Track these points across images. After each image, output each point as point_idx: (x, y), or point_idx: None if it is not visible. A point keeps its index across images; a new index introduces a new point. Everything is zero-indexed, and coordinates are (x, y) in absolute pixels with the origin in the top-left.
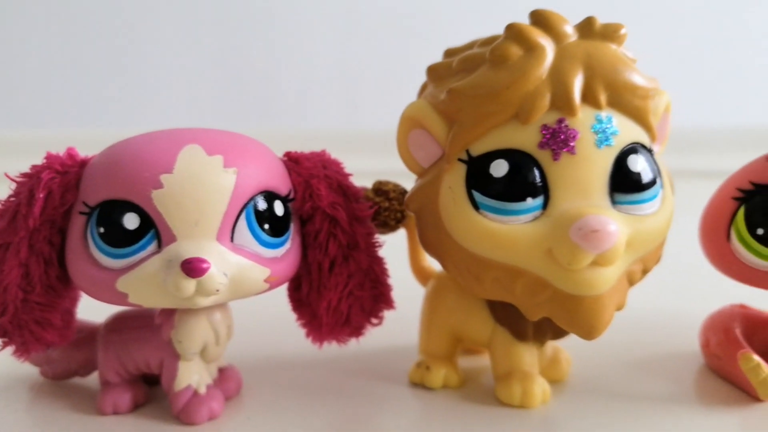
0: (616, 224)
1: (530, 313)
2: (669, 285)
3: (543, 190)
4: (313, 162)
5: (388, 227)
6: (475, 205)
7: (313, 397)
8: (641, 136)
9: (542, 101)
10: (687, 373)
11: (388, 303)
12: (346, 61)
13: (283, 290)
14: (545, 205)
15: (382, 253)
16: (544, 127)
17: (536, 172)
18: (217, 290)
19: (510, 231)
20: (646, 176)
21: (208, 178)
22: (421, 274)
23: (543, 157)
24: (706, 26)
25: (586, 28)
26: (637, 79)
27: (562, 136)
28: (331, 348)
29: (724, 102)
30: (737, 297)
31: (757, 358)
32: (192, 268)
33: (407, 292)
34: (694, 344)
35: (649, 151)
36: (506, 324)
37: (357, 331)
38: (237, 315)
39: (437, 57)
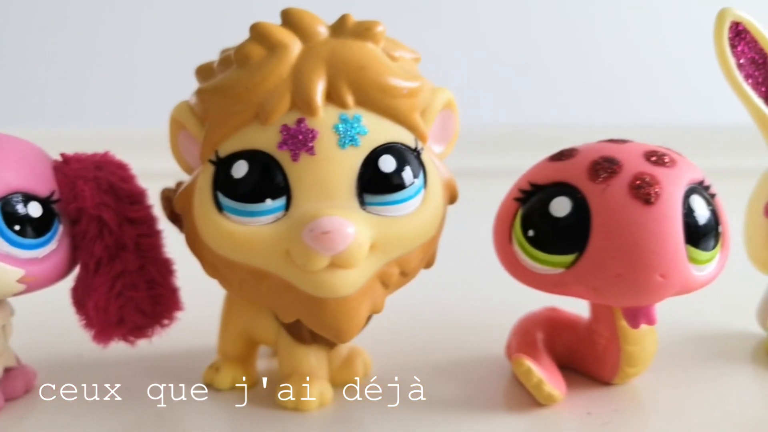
0: (353, 226)
1: (281, 315)
2: (491, 287)
3: (285, 191)
4: (84, 163)
5: None
6: (219, 207)
7: (109, 397)
8: (402, 136)
9: (282, 101)
10: (492, 377)
11: (174, 304)
12: None
13: None
14: (288, 207)
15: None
16: (284, 127)
17: (276, 173)
18: None
19: (250, 232)
20: (400, 177)
21: None
22: None
23: (283, 157)
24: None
25: (338, 26)
26: (390, 78)
27: (301, 137)
28: (139, 348)
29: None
30: (556, 299)
31: (528, 362)
32: None
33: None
34: None
35: (414, 151)
36: (285, 326)
37: (139, 332)
38: (45, 313)
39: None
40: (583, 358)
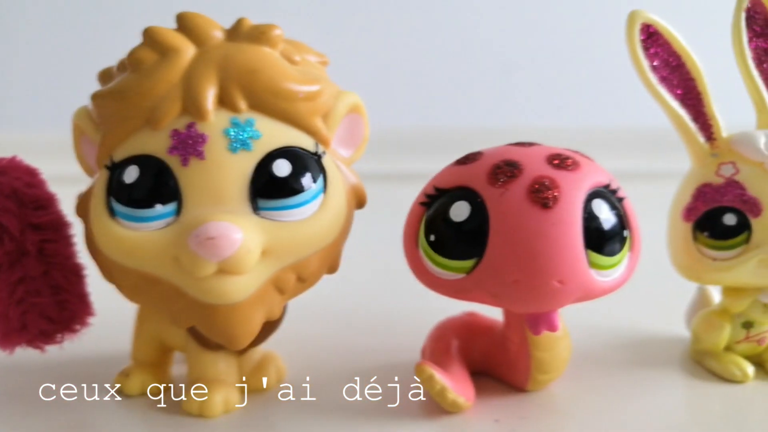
0: (241, 231)
1: (175, 322)
2: (412, 291)
3: (175, 196)
4: None
5: None
6: (112, 212)
7: (20, 403)
8: (300, 140)
9: (172, 106)
10: (405, 383)
11: (83, 310)
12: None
13: None
14: (179, 212)
15: None
16: (174, 132)
17: (166, 178)
18: None
19: (140, 238)
20: (295, 181)
21: None
22: None
23: (173, 162)
24: None
25: (234, 30)
26: (285, 81)
27: (190, 141)
28: (51, 353)
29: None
30: (476, 304)
31: (431, 369)
32: None
33: None
34: None
35: (314, 155)
36: (190, 331)
37: (46, 338)
38: None
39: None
40: (498, 364)
